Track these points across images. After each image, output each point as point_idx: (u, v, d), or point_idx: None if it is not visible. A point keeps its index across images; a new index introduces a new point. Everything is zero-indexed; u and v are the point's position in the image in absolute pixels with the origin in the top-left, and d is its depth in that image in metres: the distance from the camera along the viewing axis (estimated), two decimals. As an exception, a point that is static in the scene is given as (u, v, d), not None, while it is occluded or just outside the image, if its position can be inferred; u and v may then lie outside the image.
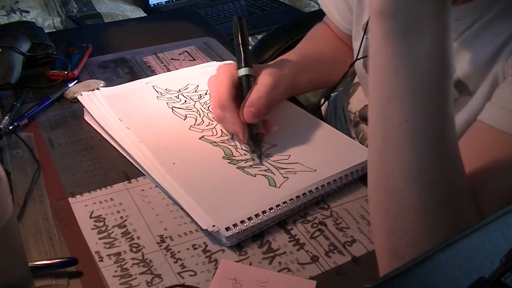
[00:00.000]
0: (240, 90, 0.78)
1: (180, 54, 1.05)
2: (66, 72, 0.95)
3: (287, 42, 1.16)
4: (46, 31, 1.10)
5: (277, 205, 0.67)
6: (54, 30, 1.88)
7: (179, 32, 1.13)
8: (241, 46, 0.80)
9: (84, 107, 0.84)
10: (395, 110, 0.49)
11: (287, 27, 1.28)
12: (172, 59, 1.04)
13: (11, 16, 1.94)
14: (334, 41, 1.01)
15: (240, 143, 0.78)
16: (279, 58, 0.88)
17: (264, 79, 0.78)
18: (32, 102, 0.89)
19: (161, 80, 0.92)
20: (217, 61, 1.02)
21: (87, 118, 0.84)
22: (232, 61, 0.81)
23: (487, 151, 0.59)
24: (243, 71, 0.78)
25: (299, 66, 0.88)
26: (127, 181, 0.73)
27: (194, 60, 1.03)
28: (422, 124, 0.49)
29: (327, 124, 0.85)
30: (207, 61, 1.03)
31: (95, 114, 0.81)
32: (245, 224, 0.64)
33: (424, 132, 0.49)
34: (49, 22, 1.94)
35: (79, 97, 0.85)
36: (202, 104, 0.86)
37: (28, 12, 1.98)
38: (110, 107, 0.82)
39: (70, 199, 0.70)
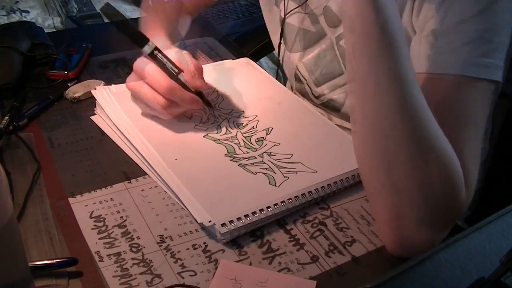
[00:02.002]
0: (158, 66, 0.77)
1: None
2: (66, 72, 0.95)
3: (267, 38, 1.18)
4: (46, 31, 1.10)
5: (275, 204, 0.67)
6: (54, 30, 1.88)
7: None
8: (127, 27, 0.78)
9: (97, 100, 0.84)
10: (385, 59, 0.58)
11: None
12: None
13: (11, 16, 1.94)
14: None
15: (241, 138, 0.79)
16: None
17: (178, 51, 0.79)
18: (32, 102, 0.89)
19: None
20: (216, 61, 1.02)
21: (98, 111, 0.85)
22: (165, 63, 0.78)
23: (428, 96, 0.63)
24: (149, 48, 0.76)
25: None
26: (127, 181, 0.73)
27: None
28: (402, 68, 0.59)
29: (333, 124, 0.85)
30: (207, 61, 1.03)
31: (107, 109, 0.82)
32: (241, 221, 0.64)
33: (404, 74, 0.59)
34: (49, 22, 1.95)
35: (93, 92, 0.86)
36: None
37: (28, 12, 1.98)
38: (119, 104, 0.83)
39: (70, 199, 0.70)
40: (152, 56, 0.76)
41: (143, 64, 0.77)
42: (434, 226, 0.60)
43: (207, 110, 0.85)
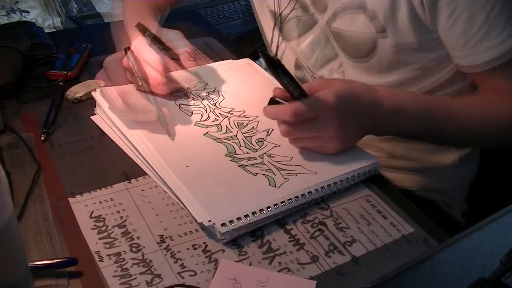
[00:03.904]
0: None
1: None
2: (66, 72, 0.95)
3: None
4: (46, 31, 1.10)
5: (275, 204, 0.67)
6: (54, 30, 1.88)
7: (179, 32, 1.13)
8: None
9: (97, 101, 0.84)
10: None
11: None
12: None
13: (11, 16, 1.94)
14: None
15: (242, 140, 0.79)
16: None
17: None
18: (32, 102, 0.89)
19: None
20: (216, 61, 1.02)
21: (98, 112, 0.85)
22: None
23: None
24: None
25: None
26: (127, 181, 0.73)
27: (194, 60, 1.03)
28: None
29: None
30: (207, 61, 1.03)
31: (106, 109, 0.82)
32: (241, 221, 0.64)
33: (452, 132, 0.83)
34: (49, 22, 1.95)
35: (93, 93, 0.86)
36: (209, 101, 0.87)
37: (28, 12, 1.99)
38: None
39: (70, 199, 0.70)
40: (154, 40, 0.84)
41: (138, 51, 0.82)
42: None
43: (208, 108, 0.85)
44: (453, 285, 0.39)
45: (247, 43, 1.28)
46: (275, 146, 0.78)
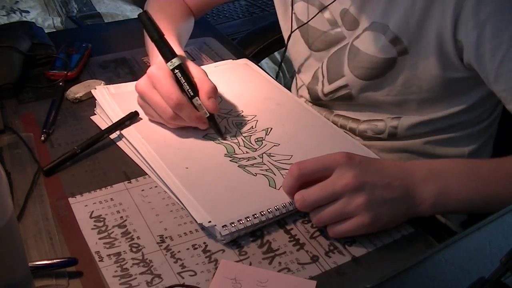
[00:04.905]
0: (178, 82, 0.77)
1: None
2: (66, 72, 0.95)
3: (269, 39, 1.19)
4: (46, 31, 1.10)
5: (276, 206, 0.67)
6: (54, 30, 1.88)
7: (179, 32, 1.13)
8: (161, 39, 0.78)
9: (97, 100, 0.84)
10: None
11: (271, 25, 1.35)
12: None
13: (11, 16, 1.94)
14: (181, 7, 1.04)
15: (241, 140, 0.78)
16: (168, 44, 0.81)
17: (197, 68, 0.80)
18: (32, 102, 0.89)
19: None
20: (216, 61, 1.02)
21: (98, 112, 0.85)
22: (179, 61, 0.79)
23: None
24: (176, 61, 0.77)
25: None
26: (127, 181, 0.73)
27: (194, 60, 1.03)
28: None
29: (333, 125, 0.85)
30: (207, 61, 1.03)
31: (107, 109, 0.82)
32: (241, 223, 0.64)
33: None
34: (49, 22, 1.95)
35: (93, 91, 0.86)
36: None
37: (28, 12, 1.98)
38: (117, 105, 0.83)
39: (70, 199, 0.70)
40: (173, 72, 0.77)
41: (158, 73, 0.77)
42: None
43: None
44: (453, 285, 0.39)
45: (252, 43, 1.28)
46: (274, 145, 0.78)
